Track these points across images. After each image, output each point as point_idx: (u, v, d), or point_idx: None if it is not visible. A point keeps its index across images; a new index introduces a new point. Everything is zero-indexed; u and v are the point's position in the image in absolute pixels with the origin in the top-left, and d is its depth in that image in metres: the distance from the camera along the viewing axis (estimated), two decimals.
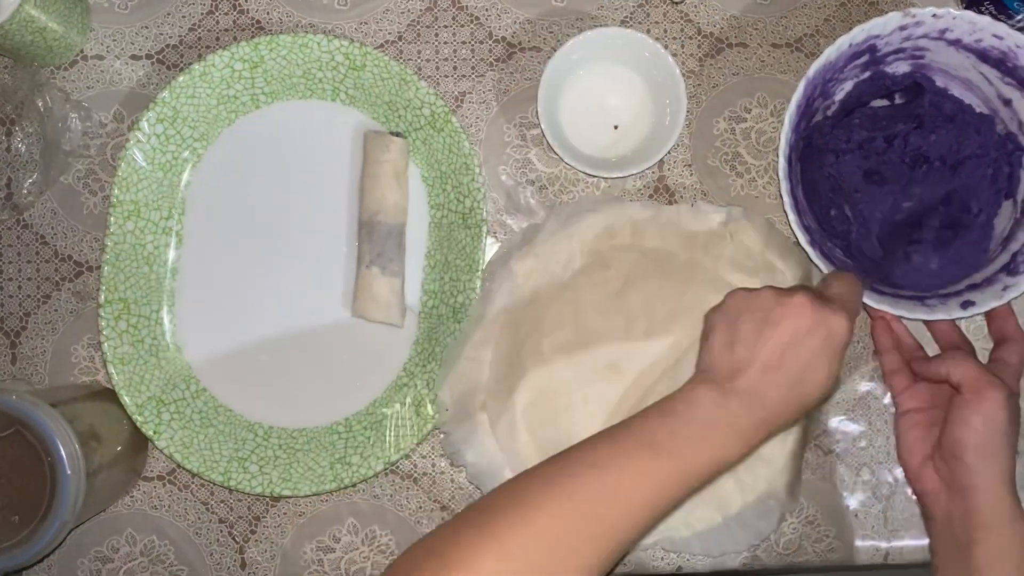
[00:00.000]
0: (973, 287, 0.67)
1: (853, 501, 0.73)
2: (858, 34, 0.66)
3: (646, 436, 0.53)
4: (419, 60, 0.74)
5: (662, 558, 0.72)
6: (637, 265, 0.70)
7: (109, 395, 0.70)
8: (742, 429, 0.54)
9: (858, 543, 0.73)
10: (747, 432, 0.54)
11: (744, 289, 0.57)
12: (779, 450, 0.69)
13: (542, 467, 0.53)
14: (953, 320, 0.68)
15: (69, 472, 0.58)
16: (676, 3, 0.74)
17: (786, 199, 0.65)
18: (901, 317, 0.66)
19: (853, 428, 0.73)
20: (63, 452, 0.58)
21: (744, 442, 0.54)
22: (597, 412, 0.69)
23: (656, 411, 0.55)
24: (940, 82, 0.71)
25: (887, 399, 0.73)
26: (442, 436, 0.71)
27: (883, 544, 0.73)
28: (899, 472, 0.73)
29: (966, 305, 0.66)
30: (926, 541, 0.72)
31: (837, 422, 0.73)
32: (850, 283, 0.59)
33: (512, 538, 0.48)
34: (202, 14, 0.74)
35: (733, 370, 0.54)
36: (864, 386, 0.74)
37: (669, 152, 0.71)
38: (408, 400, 0.71)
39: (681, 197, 0.74)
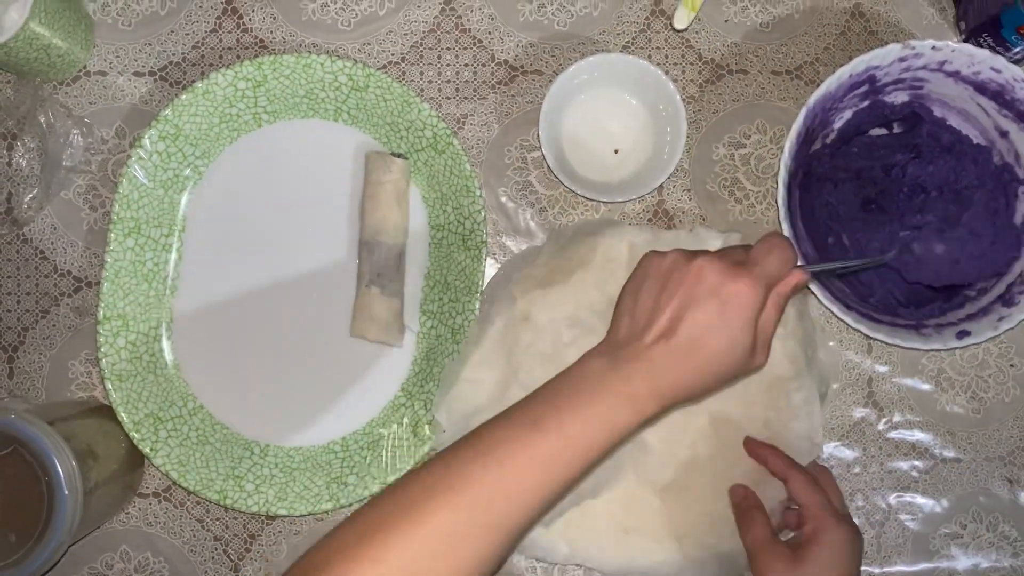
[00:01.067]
0: (969, 317, 0.68)
1: None
2: (858, 65, 0.67)
3: (532, 415, 0.51)
4: (421, 81, 0.75)
5: None
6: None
7: (106, 412, 0.70)
8: (633, 397, 0.51)
9: None
10: (639, 400, 0.51)
11: (653, 252, 0.55)
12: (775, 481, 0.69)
13: (433, 461, 0.51)
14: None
15: (66, 492, 0.58)
16: (678, 30, 0.74)
17: (784, 226, 0.66)
18: (897, 345, 0.67)
19: (847, 454, 0.74)
20: (60, 471, 0.58)
21: (636, 411, 0.51)
22: None
23: (545, 387, 0.53)
24: (938, 112, 0.71)
25: (882, 425, 0.74)
26: None
27: (876, 570, 0.73)
28: (892, 498, 0.74)
29: (961, 335, 0.66)
30: (919, 567, 0.73)
31: (832, 448, 0.74)
32: (774, 246, 0.54)
33: (394, 540, 0.47)
34: (206, 32, 0.75)
35: (629, 337, 0.52)
36: (858, 412, 0.74)
37: (669, 177, 0.72)
38: (405, 421, 0.71)
39: (680, 222, 0.74)
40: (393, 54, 0.75)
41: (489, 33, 0.75)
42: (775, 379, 0.69)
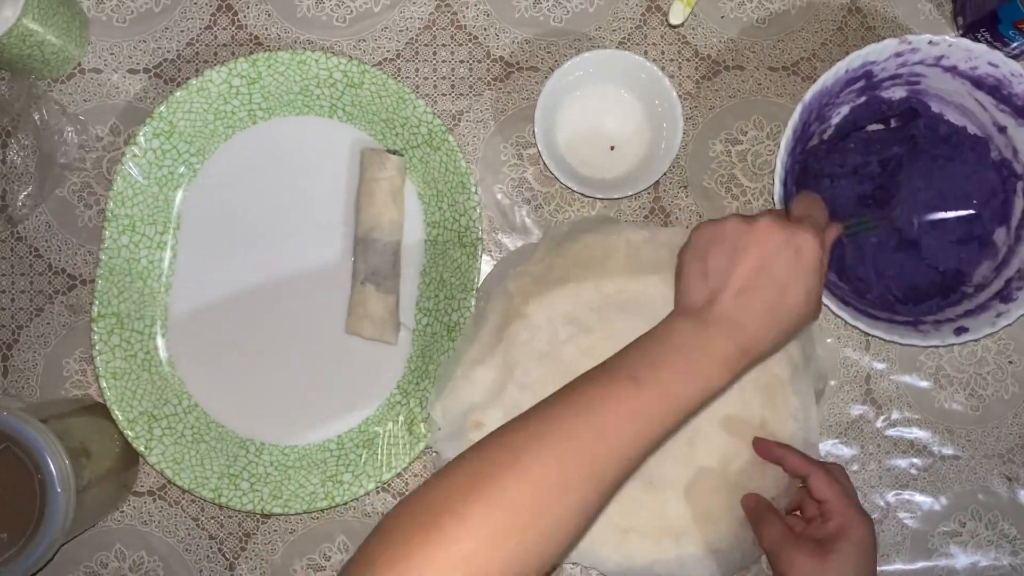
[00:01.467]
0: (967, 313, 0.67)
1: None
2: (854, 60, 0.66)
3: (628, 371, 0.52)
4: (417, 78, 0.75)
5: None
6: (632, 288, 0.70)
7: (100, 410, 0.70)
8: (724, 355, 0.53)
9: None
10: (730, 358, 0.53)
11: (709, 221, 0.56)
12: (772, 469, 0.69)
13: (530, 415, 0.52)
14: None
15: (59, 489, 0.58)
16: (674, 26, 0.74)
17: None
18: (895, 342, 0.66)
19: (845, 452, 0.73)
20: (53, 469, 0.58)
21: (728, 368, 0.53)
22: None
23: (635, 346, 0.54)
24: (935, 108, 0.71)
25: (880, 422, 0.74)
26: (434, 455, 0.71)
27: None
28: (891, 496, 0.73)
29: (959, 332, 0.66)
30: (918, 566, 0.73)
31: (830, 446, 0.73)
32: (812, 201, 0.58)
33: (503, 485, 0.47)
34: (200, 29, 0.74)
35: (708, 299, 0.54)
36: (856, 410, 0.74)
37: (665, 173, 0.71)
38: (401, 419, 0.71)
39: (676, 218, 0.74)
40: (388, 51, 0.75)
41: (484, 29, 0.75)
42: (772, 378, 0.69)
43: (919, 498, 0.73)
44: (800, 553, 0.62)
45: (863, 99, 0.71)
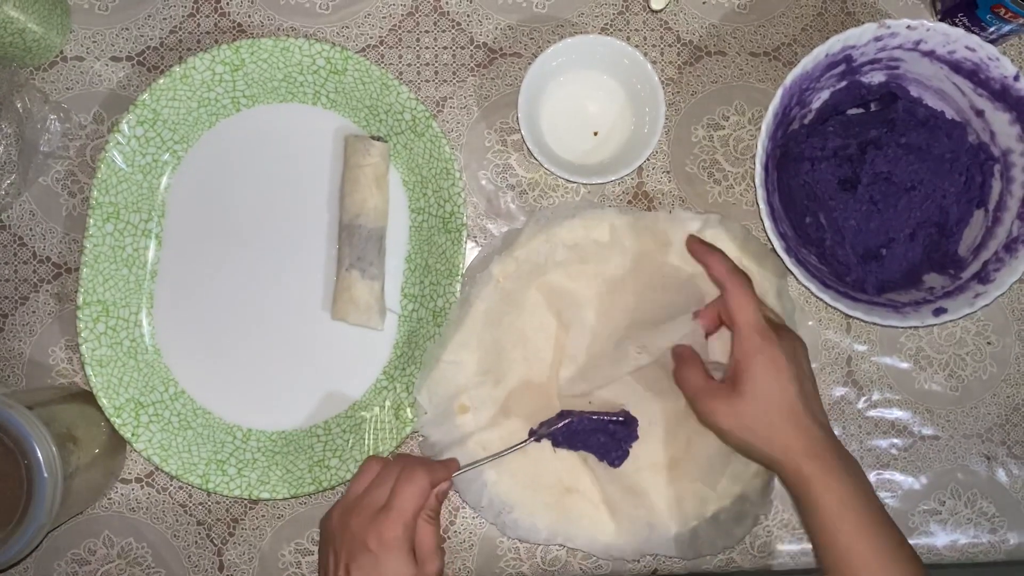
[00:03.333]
0: (946, 294, 0.68)
1: None
2: (834, 44, 0.67)
3: None
4: (400, 65, 0.75)
5: (638, 560, 0.72)
6: (616, 266, 0.70)
7: (87, 397, 0.70)
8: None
9: None
10: None
11: (328, 512, 0.63)
12: (717, 467, 0.70)
13: None
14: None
15: (46, 475, 0.58)
16: (656, 11, 0.74)
17: (762, 206, 0.66)
18: (874, 323, 0.67)
19: None
20: (40, 455, 0.58)
21: None
22: (578, 387, 0.70)
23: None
24: (915, 92, 0.72)
25: (861, 403, 0.75)
26: (420, 439, 0.72)
27: None
28: (872, 476, 0.74)
29: (938, 312, 0.67)
30: None
31: None
32: (407, 481, 0.62)
33: None
34: (183, 16, 0.74)
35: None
36: (838, 391, 0.75)
37: (648, 159, 0.72)
38: (387, 403, 0.71)
39: (659, 203, 0.75)
40: (372, 37, 0.75)
41: (467, 16, 0.75)
42: None
43: (899, 477, 0.74)
44: (715, 399, 0.62)
45: (843, 84, 0.71)
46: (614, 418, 0.69)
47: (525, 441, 0.69)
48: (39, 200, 0.74)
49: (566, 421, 0.68)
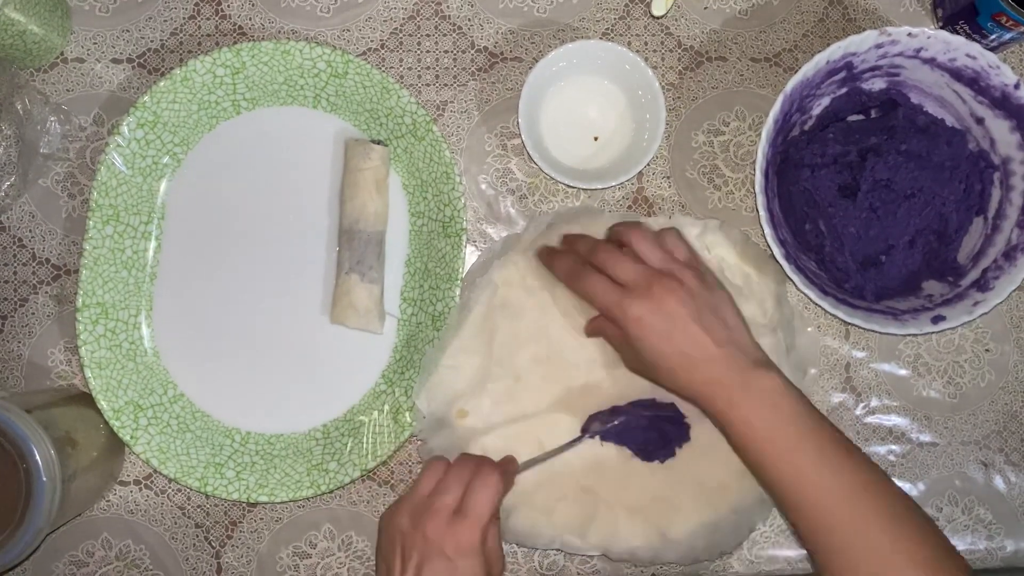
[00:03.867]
0: (945, 302, 0.68)
1: None
2: (835, 51, 0.67)
3: None
4: (401, 68, 0.75)
5: (636, 565, 0.72)
6: None
7: (86, 399, 0.70)
8: None
9: None
10: None
11: (390, 512, 0.61)
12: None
13: None
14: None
15: (44, 479, 0.58)
16: (657, 17, 0.74)
17: (762, 213, 0.66)
18: (873, 330, 0.67)
19: None
20: (38, 458, 0.58)
21: None
22: (576, 395, 0.70)
23: None
24: (915, 99, 0.72)
25: (859, 410, 0.75)
26: (419, 443, 0.72)
27: None
28: None
29: (937, 320, 0.67)
30: None
31: None
32: (481, 485, 0.60)
33: None
34: (184, 18, 0.74)
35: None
36: (836, 397, 0.75)
37: (648, 164, 0.72)
38: (386, 407, 0.71)
39: (659, 209, 0.75)
40: (372, 41, 0.75)
41: (469, 20, 0.75)
42: None
43: (897, 484, 0.74)
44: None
45: (844, 90, 0.72)
46: (667, 414, 0.69)
47: (579, 438, 0.68)
48: (39, 202, 0.74)
49: (621, 419, 0.68)
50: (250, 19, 0.74)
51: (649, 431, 0.69)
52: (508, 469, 0.63)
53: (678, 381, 0.62)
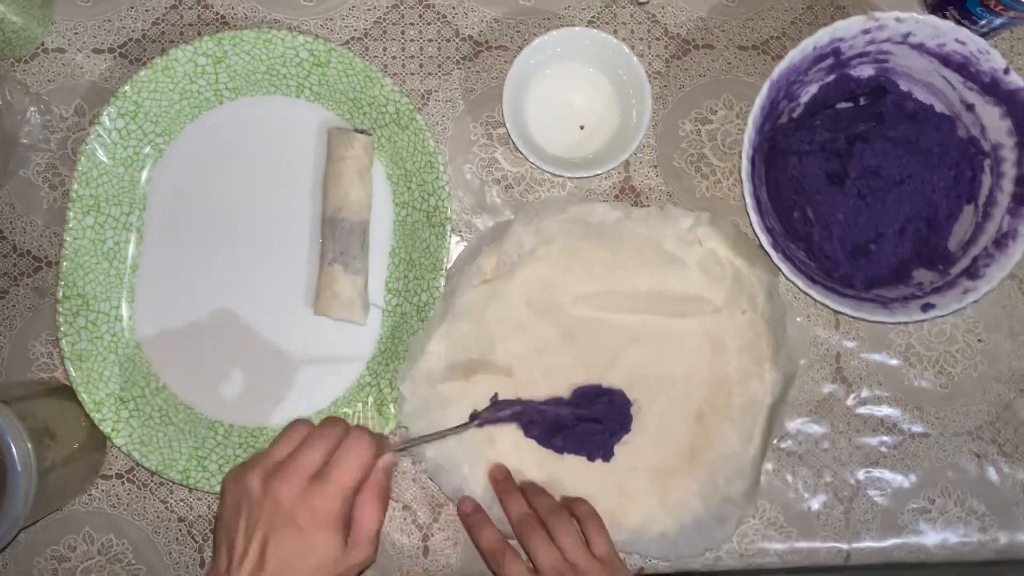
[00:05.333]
0: (935, 290, 0.67)
1: (815, 503, 0.73)
2: (822, 37, 0.66)
3: None
4: (385, 57, 0.74)
5: (624, 559, 0.71)
6: (605, 255, 0.70)
7: (67, 392, 0.69)
8: None
9: (819, 544, 0.73)
10: None
11: (234, 474, 0.55)
12: (742, 455, 0.69)
13: None
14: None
15: (19, 469, 0.57)
16: (641, 3, 0.73)
17: (748, 200, 0.65)
18: (863, 319, 0.66)
19: (815, 430, 0.73)
20: (13, 449, 0.57)
21: None
22: (559, 382, 0.70)
23: None
24: (904, 85, 0.71)
25: (850, 400, 0.74)
26: (403, 430, 0.71)
27: (844, 545, 0.73)
28: (861, 474, 0.73)
29: (926, 308, 0.66)
30: (888, 543, 0.73)
31: (800, 424, 0.73)
32: (350, 448, 0.55)
33: None
34: (166, 8, 0.74)
35: (228, 571, 0.52)
36: (827, 388, 0.74)
37: (635, 153, 0.71)
38: (371, 400, 0.71)
39: (647, 198, 0.74)
40: (356, 29, 0.74)
41: (453, 8, 0.74)
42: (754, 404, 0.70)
43: (889, 475, 0.74)
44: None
45: (832, 77, 0.71)
46: (575, 411, 0.69)
47: (466, 424, 0.67)
48: (19, 193, 0.73)
49: (511, 410, 0.68)
50: (232, 8, 0.74)
51: (568, 429, 0.69)
52: (385, 440, 0.57)
53: None
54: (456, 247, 0.73)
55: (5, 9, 0.67)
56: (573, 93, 0.73)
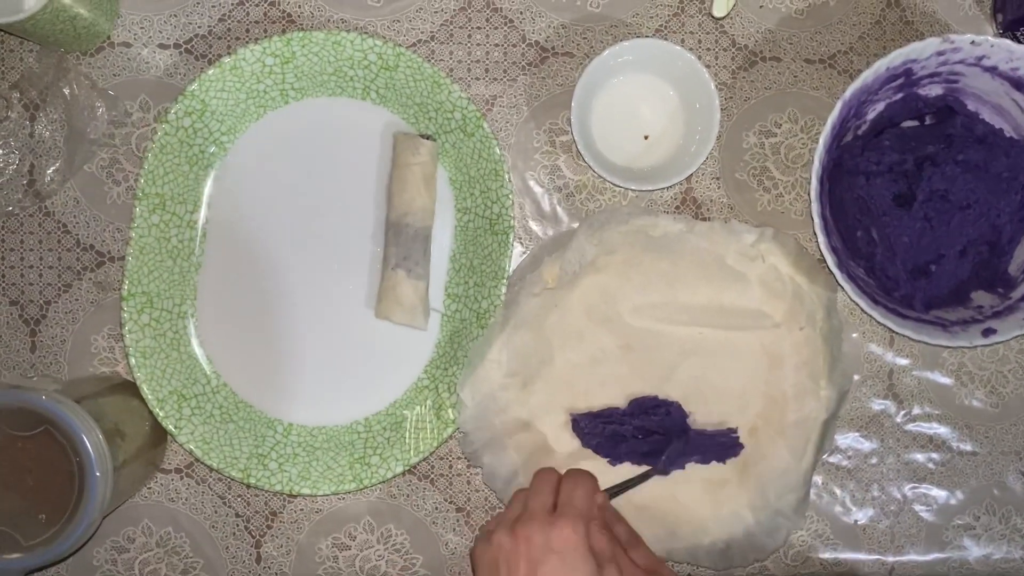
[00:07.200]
0: (995, 315, 0.68)
1: (862, 516, 0.74)
2: (896, 58, 0.66)
3: None
4: (451, 61, 0.74)
5: (673, 566, 0.73)
6: (667, 266, 0.71)
7: (130, 388, 0.70)
8: None
9: (864, 556, 0.74)
10: None
11: (480, 540, 0.58)
12: (794, 469, 0.70)
13: None
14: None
15: (98, 473, 0.58)
16: (718, 18, 0.73)
17: (817, 220, 0.65)
18: (923, 342, 0.67)
19: (865, 445, 0.74)
20: (92, 451, 0.58)
21: None
22: (616, 392, 0.71)
23: None
24: (971, 106, 0.71)
25: (900, 417, 0.75)
26: (460, 436, 0.72)
27: (890, 559, 0.74)
28: (908, 489, 0.74)
29: (987, 333, 0.66)
30: (931, 557, 0.74)
31: (850, 439, 0.74)
32: (577, 484, 0.58)
33: None
34: (232, 4, 0.73)
35: None
36: (878, 404, 0.74)
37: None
38: (429, 403, 0.71)
39: (708, 210, 0.74)
40: (423, 32, 0.74)
41: (520, 13, 0.74)
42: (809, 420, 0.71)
43: (935, 492, 0.75)
44: None
45: (900, 96, 0.71)
46: (632, 422, 0.70)
47: (650, 471, 0.70)
48: (84, 187, 0.73)
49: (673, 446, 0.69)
50: (299, 7, 0.73)
51: (633, 442, 0.70)
52: (593, 477, 0.60)
53: None
54: (516, 254, 0.73)
55: (76, 5, 0.67)
56: (639, 102, 0.73)
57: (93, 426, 0.59)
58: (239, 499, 0.73)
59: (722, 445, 0.70)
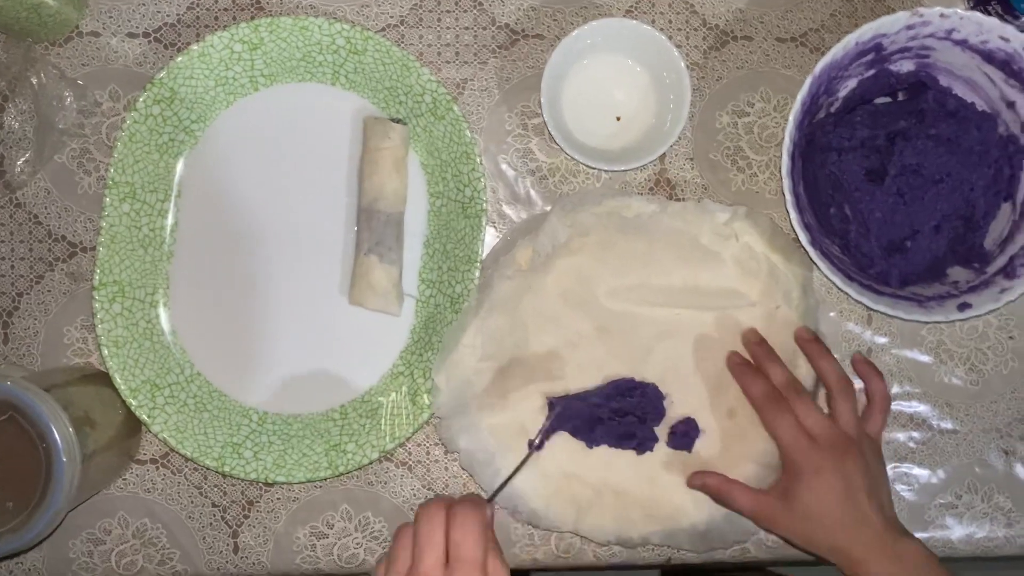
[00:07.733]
0: (971, 289, 0.67)
1: None
2: (865, 32, 0.66)
3: None
4: (420, 45, 0.73)
5: (652, 549, 0.72)
6: (641, 247, 0.70)
7: (103, 378, 0.70)
8: None
9: None
10: None
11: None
12: (772, 450, 0.69)
13: None
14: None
15: (64, 459, 0.58)
16: None
17: (788, 197, 0.65)
18: (898, 317, 0.66)
19: None
20: (58, 438, 0.58)
21: None
22: (593, 372, 0.70)
23: None
24: (944, 81, 0.71)
25: None
26: (436, 421, 0.71)
27: None
28: (889, 468, 0.73)
29: (963, 307, 0.66)
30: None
31: None
32: (467, 533, 0.54)
33: None
34: None
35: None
36: (857, 383, 0.74)
37: (671, 145, 0.71)
38: (404, 389, 0.71)
39: (682, 191, 0.74)
40: (392, 16, 0.73)
41: None
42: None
43: (917, 471, 0.74)
44: (771, 514, 0.66)
45: (872, 72, 0.70)
46: (608, 404, 0.69)
47: (527, 455, 0.69)
48: (54, 178, 0.73)
49: (555, 412, 0.68)
50: None
51: (604, 421, 0.69)
52: (478, 500, 0.56)
53: (834, 539, 0.64)
54: (489, 238, 0.73)
55: None
56: (610, 84, 0.72)
57: (60, 413, 0.59)
58: (215, 489, 0.73)
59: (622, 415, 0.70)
